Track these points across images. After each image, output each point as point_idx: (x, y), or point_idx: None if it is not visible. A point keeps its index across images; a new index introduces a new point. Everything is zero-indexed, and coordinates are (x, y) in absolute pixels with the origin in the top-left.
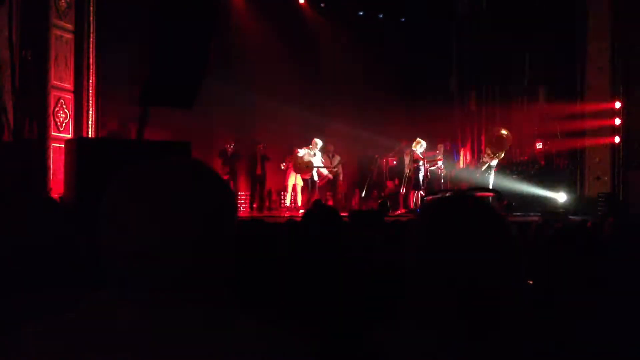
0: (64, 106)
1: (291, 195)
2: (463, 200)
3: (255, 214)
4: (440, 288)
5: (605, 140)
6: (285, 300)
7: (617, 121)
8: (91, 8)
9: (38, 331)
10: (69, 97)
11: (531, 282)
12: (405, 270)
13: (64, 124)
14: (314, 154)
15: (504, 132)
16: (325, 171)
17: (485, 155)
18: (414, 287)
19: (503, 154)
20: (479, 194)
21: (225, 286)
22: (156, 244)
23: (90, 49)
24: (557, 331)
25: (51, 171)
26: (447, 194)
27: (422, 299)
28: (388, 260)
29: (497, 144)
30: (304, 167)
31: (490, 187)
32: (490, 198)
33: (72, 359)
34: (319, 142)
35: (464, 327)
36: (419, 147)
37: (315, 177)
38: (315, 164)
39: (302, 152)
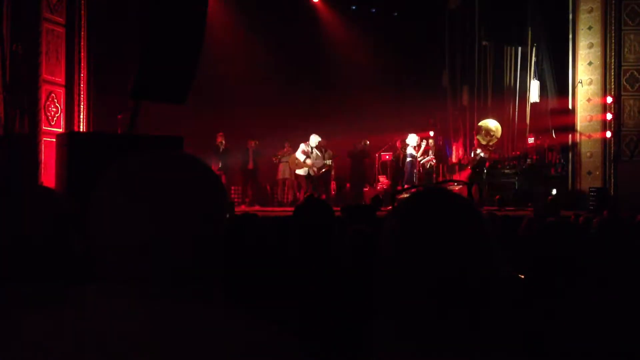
0: (55, 100)
1: (283, 190)
2: (434, 194)
3: (248, 208)
4: (415, 283)
5: (596, 135)
6: (277, 295)
7: (609, 116)
8: (82, 2)
9: (24, 324)
10: (60, 91)
11: (522, 276)
12: (379, 267)
13: (55, 118)
14: (310, 150)
15: (491, 126)
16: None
17: (477, 148)
18: (389, 285)
19: (495, 140)
20: (450, 186)
21: (216, 281)
22: (147, 238)
23: (82, 43)
24: (546, 324)
25: (42, 165)
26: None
27: (397, 295)
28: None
29: (485, 136)
30: (296, 164)
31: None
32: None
33: (57, 352)
34: (314, 139)
35: (440, 321)
36: (411, 141)
37: (310, 172)
38: (311, 161)
39: (299, 153)
